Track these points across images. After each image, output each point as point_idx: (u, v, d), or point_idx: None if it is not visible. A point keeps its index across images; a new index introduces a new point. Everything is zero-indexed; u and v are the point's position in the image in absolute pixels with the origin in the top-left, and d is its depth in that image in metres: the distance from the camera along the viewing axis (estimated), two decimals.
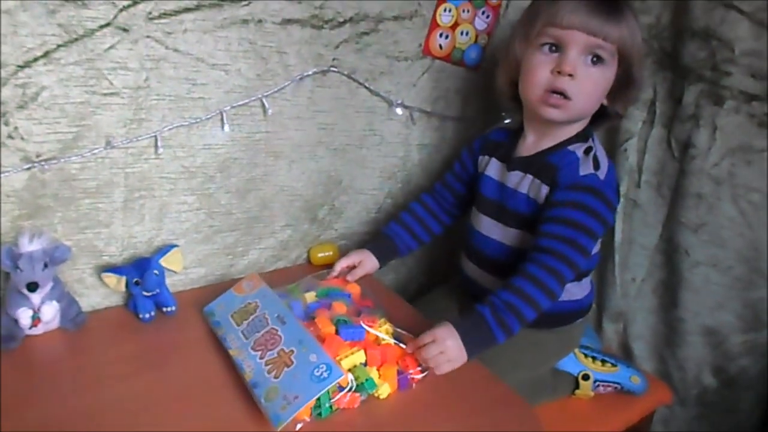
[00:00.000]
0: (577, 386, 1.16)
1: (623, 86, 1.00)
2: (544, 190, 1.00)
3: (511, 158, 1.08)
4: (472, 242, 1.15)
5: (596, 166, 0.99)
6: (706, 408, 1.31)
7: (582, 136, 1.03)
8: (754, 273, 1.19)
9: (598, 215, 0.96)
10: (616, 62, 0.97)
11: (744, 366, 1.25)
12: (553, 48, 0.97)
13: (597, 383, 1.16)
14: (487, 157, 1.14)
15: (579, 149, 1.01)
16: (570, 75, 0.94)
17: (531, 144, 1.07)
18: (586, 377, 1.16)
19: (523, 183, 1.04)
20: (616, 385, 1.16)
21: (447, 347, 0.90)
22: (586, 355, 1.19)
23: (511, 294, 0.92)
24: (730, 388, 1.28)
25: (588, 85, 0.96)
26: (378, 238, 1.23)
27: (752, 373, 1.25)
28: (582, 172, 0.98)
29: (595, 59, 0.96)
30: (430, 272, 1.54)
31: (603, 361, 1.18)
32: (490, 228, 1.11)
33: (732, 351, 1.25)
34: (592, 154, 1.00)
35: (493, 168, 1.12)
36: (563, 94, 0.96)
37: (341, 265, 1.15)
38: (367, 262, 1.17)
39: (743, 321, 1.23)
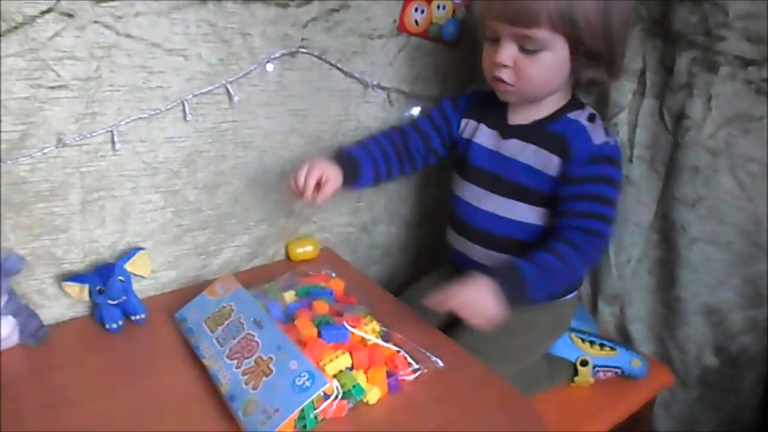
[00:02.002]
0: (575, 373, 1.13)
1: (589, 59, 0.94)
2: (554, 160, 0.98)
3: (503, 126, 1.05)
4: (459, 214, 1.10)
5: (607, 132, 0.98)
6: (708, 388, 1.28)
7: (576, 104, 1.02)
8: (754, 247, 1.15)
9: (618, 183, 0.99)
10: (560, 41, 0.91)
11: (745, 344, 1.22)
12: (496, 39, 0.95)
13: (596, 369, 1.13)
14: (472, 122, 1.09)
15: (581, 117, 0.99)
16: (505, 66, 0.94)
17: (523, 112, 1.03)
18: (584, 363, 1.12)
19: (524, 152, 1.01)
20: (616, 370, 1.13)
21: (473, 299, 0.87)
22: (583, 340, 1.16)
23: (556, 259, 0.92)
24: (731, 367, 1.24)
25: (529, 72, 0.94)
26: (339, 156, 1.04)
27: (754, 351, 1.22)
28: (596, 141, 0.96)
29: (526, 49, 0.92)
30: (416, 263, 1.49)
31: (601, 345, 1.16)
32: (480, 198, 1.06)
33: (733, 329, 1.22)
34: (597, 120, 0.99)
35: (482, 135, 1.07)
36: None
37: (310, 184, 0.97)
38: (332, 175, 0.99)
39: (744, 297, 1.19)
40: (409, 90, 1.26)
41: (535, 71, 0.93)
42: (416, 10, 1.18)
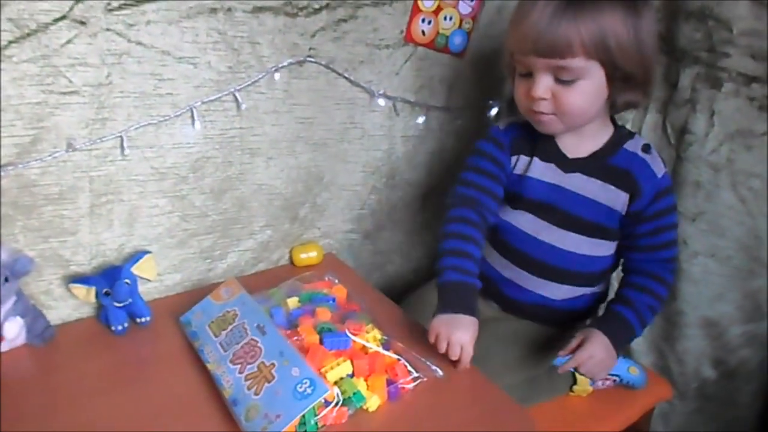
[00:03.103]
0: (574, 382, 1.12)
1: (625, 82, 0.92)
2: (623, 197, 0.99)
3: (561, 159, 1.02)
4: (512, 241, 1.08)
5: (662, 160, 1.01)
6: (706, 401, 1.28)
7: (625, 132, 1.02)
8: (754, 262, 1.16)
9: (676, 207, 1.05)
10: (595, 67, 0.89)
11: (744, 357, 1.23)
12: (528, 73, 0.94)
13: None
14: (523, 156, 1.05)
15: (637, 149, 0.99)
16: (543, 99, 0.92)
17: (575, 143, 1.01)
18: None
19: (589, 187, 1.00)
20: (614, 378, 1.12)
21: (602, 360, 0.96)
22: None
23: (651, 297, 1.01)
24: (730, 381, 1.25)
25: (568, 102, 0.92)
26: (461, 296, 0.95)
27: (752, 365, 1.22)
28: (659, 175, 0.99)
29: (562, 80, 0.91)
30: (417, 270, 1.49)
31: None
32: (537, 229, 1.05)
33: (732, 342, 1.22)
34: (652, 150, 1.00)
35: (538, 169, 1.04)
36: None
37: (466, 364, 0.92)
38: (474, 334, 0.92)
39: (743, 312, 1.20)
40: (414, 99, 1.26)
41: (574, 100, 0.91)
42: (423, 20, 1.18)
